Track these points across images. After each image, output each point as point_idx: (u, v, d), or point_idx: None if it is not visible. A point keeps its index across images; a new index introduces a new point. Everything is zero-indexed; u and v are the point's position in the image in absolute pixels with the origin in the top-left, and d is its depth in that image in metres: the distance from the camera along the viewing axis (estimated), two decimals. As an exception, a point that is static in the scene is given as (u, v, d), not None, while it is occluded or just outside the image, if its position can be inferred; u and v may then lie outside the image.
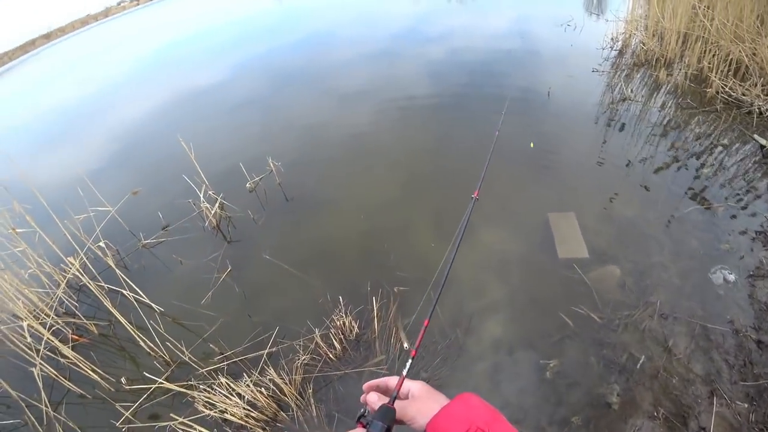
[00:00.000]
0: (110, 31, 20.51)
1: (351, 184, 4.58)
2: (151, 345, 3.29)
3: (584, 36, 7.17)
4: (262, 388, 2.79)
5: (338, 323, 3.02)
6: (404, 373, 0.92)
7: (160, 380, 2.97)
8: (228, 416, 2.71)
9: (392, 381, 0.91)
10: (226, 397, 2.70)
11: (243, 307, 3.53)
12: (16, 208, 3.64)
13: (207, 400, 2.75)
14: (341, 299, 3.15)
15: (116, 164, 6.64)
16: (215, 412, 2.73)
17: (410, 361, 0.96)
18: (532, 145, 4.51)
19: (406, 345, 2.99)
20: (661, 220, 3.55)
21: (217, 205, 4.35)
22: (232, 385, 2.78)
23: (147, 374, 3.09)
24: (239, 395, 2.75)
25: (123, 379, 3.31)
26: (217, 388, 2.75)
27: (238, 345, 3.19)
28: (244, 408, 2.70)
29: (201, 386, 2.92)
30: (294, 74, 8.14)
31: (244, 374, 2.93)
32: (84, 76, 14.54)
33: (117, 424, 3.10)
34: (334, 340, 2.98)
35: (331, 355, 2.98)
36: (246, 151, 5.36)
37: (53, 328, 3.57)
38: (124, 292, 3.33)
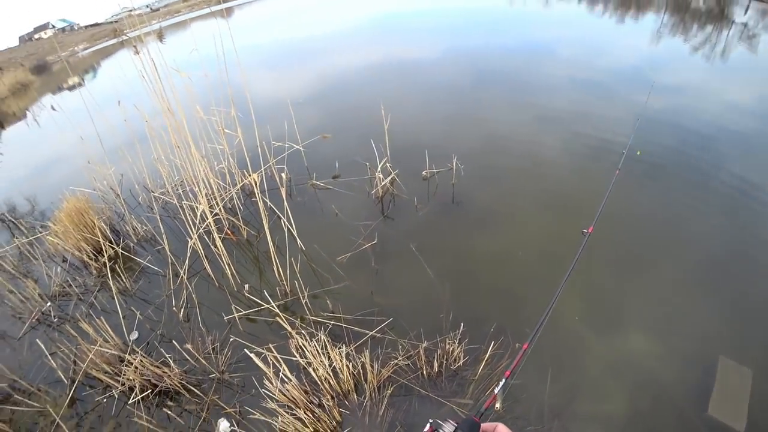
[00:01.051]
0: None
1: (522, 216, 4.24)
2: (281, 272, 3.56)
3: None
4: (351, 364, 2.85)
5: (447, 348, 2.90)
6: (496, 391, 1.02)
7: (273, 305, 3.20)
8: (310, 370, 2.81)
9: None
10: (318, 352, 2.81)
11: (370, 282, 3.60)
12: (232, 112, 4.16)
13: (301, 345, 2.89)
14: (461, 326, 2.99)
15: (318, 104, 7.27)
16: (303, 360, 2.86)
17: (504, 380, 1.05)
18: (639, 153, 3.99)
19: (497, 405, 2.78)
20: None
21: (389, 178, 4.48)
22: (328, 345, 2.88)
23: (265, 293, 3.36)
24: (329, 357, 2.85)
25: (246, 286, 3.67)
26: (314, 341, 2.88)
27: (350, 313, 3.29)
28: (327, 371, 2.78)
29: (302, 331, 3.10)
30: (500, 77, 7.89)
31: (342, 343, 3.02)
32: (320, 18, 16.19)
33: (225, 318, 3.48)
34: (434, 360, 2.86)
35: (424, 372, 2.88)
36: (433, 138, 5.39)
37: (216, 216, 4.06)
38: (282, 218, 3.62)
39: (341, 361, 2.78)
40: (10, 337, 4.16)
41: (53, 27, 57.40)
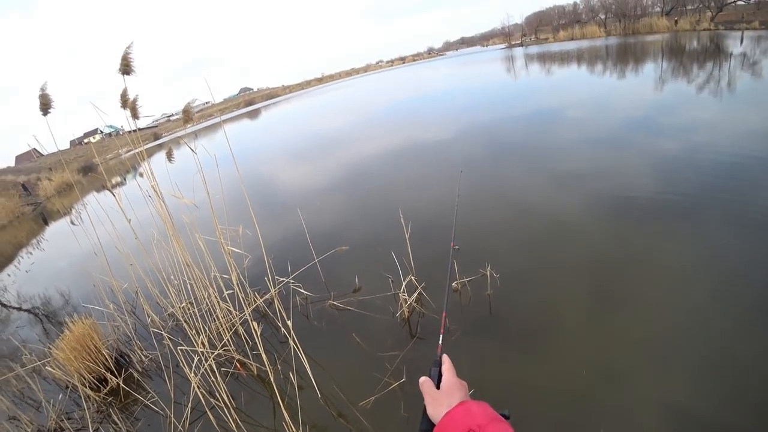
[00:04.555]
0: (366, 82, 24.36)
1: (577, 327, 3.35)
2: (290, 422, 2.99)
3: None
4: None
5: None
6: (440, 341, 1.13)
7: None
8: None
9: None
10: None
11: (402, 437, 2.86)
12: (240, 231, 3.88)
13: None
14: None
15: (335, 211, 7.01)
16: None
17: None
18: None
19: None
20: None
21: (415, 295, 3.87)
22: None
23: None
24: None
25: (259, 436, 3.12)
26: None
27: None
28: None
29: None
30: (514, 148, 7.61)
31: None
32: (342, 111, 17.15)
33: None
34: None
35: None
36: (460, 241, 4.60)
37: (224, 348, 3.64)
38: (294, 347, 3.14)
39: None
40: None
41: (101, 132, 61.95)
